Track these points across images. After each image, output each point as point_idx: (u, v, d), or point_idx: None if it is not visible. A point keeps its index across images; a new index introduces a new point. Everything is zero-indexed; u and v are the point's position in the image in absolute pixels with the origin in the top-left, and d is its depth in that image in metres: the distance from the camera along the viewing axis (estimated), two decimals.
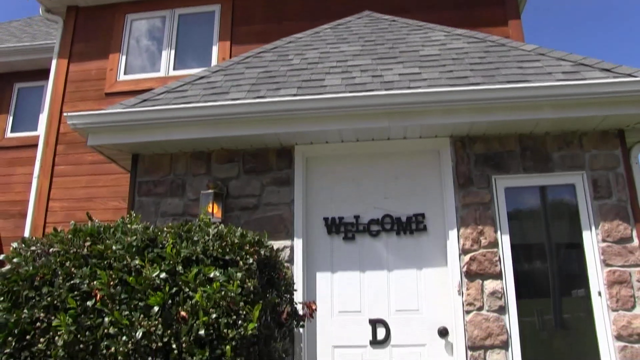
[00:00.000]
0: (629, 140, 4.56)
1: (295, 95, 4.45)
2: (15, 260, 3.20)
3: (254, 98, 4.47)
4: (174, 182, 4.80)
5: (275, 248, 3.77)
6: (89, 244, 3.21)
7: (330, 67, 5.06)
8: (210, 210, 4.45)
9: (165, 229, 3.34)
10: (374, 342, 4.33)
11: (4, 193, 7.36)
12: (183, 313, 2.89)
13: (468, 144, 4.54)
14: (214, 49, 7.20)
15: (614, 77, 4.21)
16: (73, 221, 3.45)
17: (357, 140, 4.64)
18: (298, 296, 4.21)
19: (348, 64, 5.09)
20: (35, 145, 7.13)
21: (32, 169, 7.00)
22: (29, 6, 25.96)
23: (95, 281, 3.00)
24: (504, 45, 5.20)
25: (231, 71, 5.27)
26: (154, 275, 2.97)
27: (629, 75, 4.19)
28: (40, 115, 7.69)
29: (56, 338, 2.92)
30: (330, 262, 4.54)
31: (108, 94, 7.07)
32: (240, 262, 3.09)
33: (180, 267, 3.03)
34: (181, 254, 3.07)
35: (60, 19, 7.61)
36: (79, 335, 2.92)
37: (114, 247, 3.14)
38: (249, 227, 4.01)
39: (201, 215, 3.69)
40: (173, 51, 7.30)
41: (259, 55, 5.65)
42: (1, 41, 8.40)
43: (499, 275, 4.21)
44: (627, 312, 4.06)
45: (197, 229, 3.33)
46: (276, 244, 4.18)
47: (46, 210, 6.74)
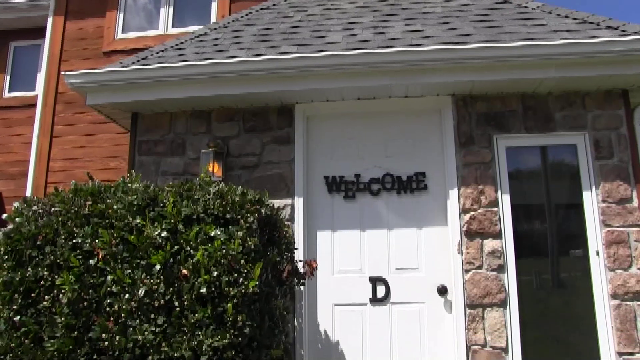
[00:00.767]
0: (633, 100, 4.51)
1: (296, 52, 4.39)
2: (17, 219, 3.22)
3: (254, 56, 4.41)
4: (174, 141, 4.78)
5: (276, 207, 3.78)
6: (90, 203, 3.22)
7: (332, 24, 4.97)
8: (210, 169, 4.44)
9: (165, 188, 3.34)
10: (374, 300, 4.39)
11: (4, 153, 7.33)
12: (184, 271, 2.92)
13: (470, 103, 4.50)
14: (213, 6, 7.06)
15: (620, 36, 4.13)
16: (74, 181, 3.44)
17: (358, 99, 4.60)
18: (299, 254, 4.25)
19: (349, 21, 5.00)
20: (34, 105, 7.07)
21: (32, 129, 6.95)
22: None
23: (97, 240, 3.03)
24: (508, 2, 5.10)
25: (231, 28, 5.18)
26: (155, 234, 2.99)
27: (636, 34, 4.11)
28: (38, 74, 7.59)
29: (60, 296, 2.97)
30: (330, 221, 4.56)
31: (106, 53, 6.96)
32: (241, 221, 3.10)
33: (181, 226, 3.05)
34: (182, 213, 3.08)
35: None
36: (82, 294, 2.97)
37: (115, 207, 3.15)
38: (249, 186, 4.01)
39: (202, 174, 3.69)
40: (172, 8, 7.15)
41: (259, 12, 5.55)
42: None
43: (498, 235, 4.24)
44: (624, 272, 4.10)
45: (198, 187, 3.33)
46: (277, 203, 4.19)
47: (47, 171, 6.73)
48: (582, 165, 4.35)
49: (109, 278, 2.97)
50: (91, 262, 3.03)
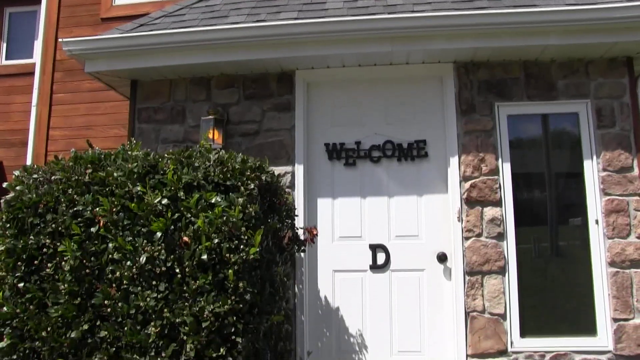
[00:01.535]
0: (637, 68, 4.47)
1: (296, 19, 4.32)
2: (18, 188, 3.23)
3: (254, 22, 4.35)
4: (174, 109, 4.75)
5: (277, 174, 3.78)
6: (90, 171, 3.22)
7: None
8: (210, 137, 4.43)
9: (166, 155, 3.33)
10: (374, 267, 4.43)
11: (4, 122, 7.28)
12: (185, 238, 2.93)
13: (472, 70, 4.46)
14: None
15: (627, 1, 4.05)
16: (74, 149, 3.44)
17: (359, 66, 4.55)
18: (299, 222, 4.26)
19: None
20: (33, 73, 7.00)
21: (31, 97, 6.91)
22: None
23: (97, 208, 3.04)
24: None
25: None
26: (155, 201, 3.00)
27: None
28: (35, 42, 7.50)
29: (63, 263, 3.00)
30: (331, 188, 4.57)
31: (104, 19, 6.87)
32: (242, 188, 3.10)
33: (182, 193, 3.05)
34: (182, 180, 3.08)
35: None
36: (84, 261, 3.00)
37: (115, 174, 3.15)
38: (249, 153, 4.00)
39: (202, 142, 3.68)
40: None
41: None
42: None
43: (498, 203, 4.25)
44: (622, 240, 4.12)
45: (198, 155, 3.32)
46: (277, 170, 4.19)
47: (47, 139, 6.71)
48: (584, 134, 4.33)
49: (110, 245, 2.99)
50: (92, 230, 3.05)
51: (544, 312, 4.20)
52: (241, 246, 2.93)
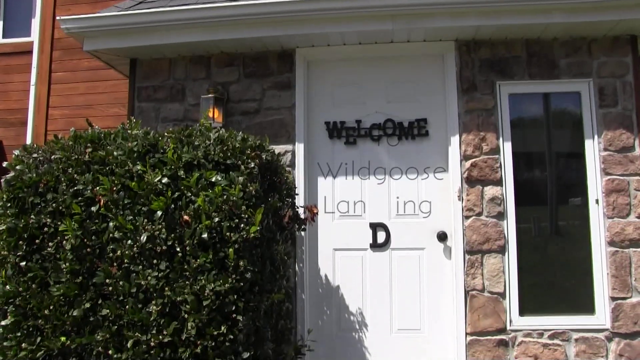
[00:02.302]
0: None
1: None
2: (18, 167, 3.22)
3: None
4: (173, 87, 4.73)
5: (277, 152, 3.77)
6: (90, 150, 3.21)
7: None
8: (210, 115, 4.41)
9: (166, 134, 3.32)
10: (374, 246, 4.44)
11: (3, 101, 7.23)
12: (186, 217, 2.94)
13: (473, 48, 4.42)
14: None
15: None
16: (73, 128, 3.42)
17: (360, 44, 4.51)
18: (299, 200, 4.27)
19: None
20: (31, 52, 6.95)
21: (30, 76, 6.87)
22: None
23: (98, 187, 3.04)
24: None
25: None
26: (156, 180, 3.00)
27: None
28: (33, 20, 7.43)
29: (64, 242, 3.01)
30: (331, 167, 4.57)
31: None
32: (242, 167, 3.10)
33: (182, 172, 3.05)
34: (182, 159, 3.07)
35: None
36: (85, 240, 3.01)
37: (115, 153, 3.15)
38: (250, 132, 3.98)
39: (202, 120, 3.66)
40: None
41: None
42: None
43: (499, 182, 4.24)
44: (622, 220, 4.13)
45: (198, 133, 3.31)
46: (277, 149, 4.18)
47: (46, 118, 6.69)
48: (585, 113, 4.30)
49: (111, 224, 3.00)
50: (93, 209, 3.05)
51: (543, 291, 4.23)
52: (241, 225, 2.93)
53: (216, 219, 2.91)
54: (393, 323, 4.38)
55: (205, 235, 2.88)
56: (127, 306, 2.89)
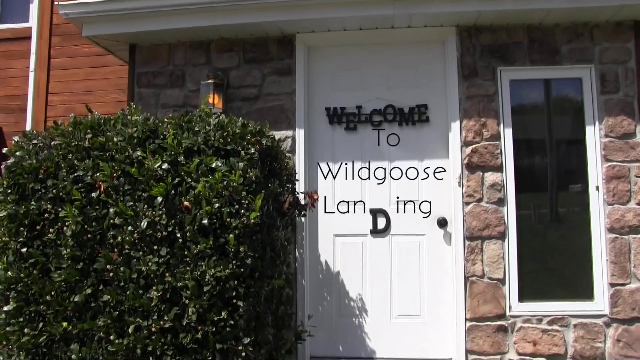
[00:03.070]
0: None
1: None
2: (18, 153, 3.22)
3: None
4: (173, 73, 4.71)
5: (277, 138, 3.77)
6: (90, 136, 3.21)
7: None
8: (210, 101, 4.40)
9: (165, 120, 3.32)
10: (375, 231, 4.45)
11: (3, 87, 7.19)
12: (186, 203, 2.94)
13: (474, 34, 4.39)
14: None
15: None
16: (72, 114, 3.41)
17: (360, 29, 4.48)
18: (300, 186, 4.27)
19: None
20: (30, 38, 6.91)
21: (29, 62, 6.84)
22: None
23: (98, 173, 3.03)
24: None
25: None
26: (156, 166, 3.00)
27: None
28: (31, 5, 7.38)
29: (64, 228, 3.02)
30: (331, 153, 4.56)
31: None
32: (242, 152, 3.09)
33: (182, 158, 3.04)
34: (182, 145, 3.07)
35: None
36: (86, 226, 3.01)
37: (115, 139, 3.14)
38: (250, 118, 3.97)
39: (202, 106, 3.65)
40: None
41: None
42: None
43: (499, 168, 4.24)
44: (622, 206, 4.13)
45: (198, 119, 3.30)
46: (278, 134, 4.18)
47: (46, 105, 6.66)
48: (587, 100, 4.29)
49: (111, 210, 3.00)
50: (93, 195, 3.05)
51: (543, 277, 4.24)
52: (242, 211, 2.94)
53: (216, 205, 2.91)
54: (393, 309, 4.40)
55: (205, 221, 2.89)
56: (128, 292, 2.90)
